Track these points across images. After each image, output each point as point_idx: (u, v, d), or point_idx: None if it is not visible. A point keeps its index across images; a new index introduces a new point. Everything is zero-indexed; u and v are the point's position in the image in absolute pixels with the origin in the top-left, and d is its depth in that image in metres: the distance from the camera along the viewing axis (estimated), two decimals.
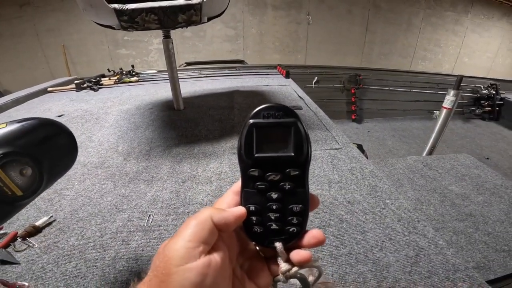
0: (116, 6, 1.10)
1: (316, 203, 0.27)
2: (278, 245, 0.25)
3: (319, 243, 0.26)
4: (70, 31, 4.93)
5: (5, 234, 0.79)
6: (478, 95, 3.86)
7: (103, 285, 0.65)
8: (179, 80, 1.67)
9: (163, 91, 2.19)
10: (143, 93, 2.20)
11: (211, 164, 1.17)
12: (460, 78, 1.99)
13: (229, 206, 0.26)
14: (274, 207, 0.26)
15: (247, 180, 0.26)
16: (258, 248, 0.28)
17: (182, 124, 1.54)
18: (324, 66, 3.97)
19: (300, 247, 0.26)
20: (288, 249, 0.26)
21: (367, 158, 1.25)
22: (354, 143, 1.54)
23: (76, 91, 2.38)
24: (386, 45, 5.92)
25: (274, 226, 0.26)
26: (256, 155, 0.25)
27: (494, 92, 3.79)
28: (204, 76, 2.82)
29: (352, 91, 3.83)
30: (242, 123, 0.37)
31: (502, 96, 3.82)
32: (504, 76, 5.06)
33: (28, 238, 0.78)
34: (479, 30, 6.10)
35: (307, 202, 0.26)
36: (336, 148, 1.27)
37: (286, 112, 0.25)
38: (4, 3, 4.60)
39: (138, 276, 0.23)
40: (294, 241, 0.26)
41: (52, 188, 1.01)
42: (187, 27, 1.35)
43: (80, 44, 5.06)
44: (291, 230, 0.26)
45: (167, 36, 1.50)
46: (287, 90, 2.19)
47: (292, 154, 0.25)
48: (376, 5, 5.57)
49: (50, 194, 0.99)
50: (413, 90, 3.75)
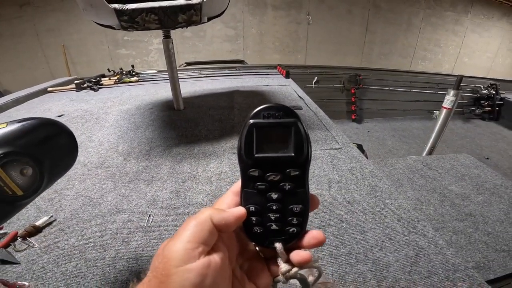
0: (116, 6, 1.10)
1: (316, 203, 0.27)
2: (278, 245, 0.25)
3: (319, 243, 0.26)
4: (70, 31, 4.93)
5: (5, 234, 0.79)
6: (478, 95, 3.86)
7: (103, 284, 0.65)
8: (179, 80, 1.67)
9: (163, 91, 2.19)
10: (143, 93, 2.20)
11: (211, 164, 1.17)
12: (460, 78, 2.00)
13: (229, 206, 0.26)
14: (274, 207, 0.25)
15: (247, 181, 0.26)
16: (258, 248, 0.28)
17: (182, 124, 1.55)
18: (324, 66, 3.97)
19: (300, 247, 0.26)
20: (288, 249, 0.25)
21: (367, 158, 1.26)
22: (354, 143, 1.54)
23: (76, 91, 2.38)
24: (386, 45, 5.92)
25: (274, 227, 0.26)
26: (256, 155, 0.25)
27: (494, 92, 3.79)
28: (204, 76, 2.82)
29: (352, 91, 3.83)
30: (242, 123, 0.37)
31: (502, 96, 3.82)
32: (504, 76, 5.06)
33: (28, 238, 0.78)
34: (479, 30, 6.10)
35: (307, 202, 0.26)
36: (336, 148, 1.27)
37: (286, 112, 0.24)
38: (4, 3, 4.60)
39: (138, 277, 0.23)
40: (294, 241, 0.26)
41: (52, 188, 1.01)
42: (187, 27, 1.35)
43: (80, 44, 5.06)
44: (291, 230, 0.26)
45: (167, 36, 1.50)
46: (287, 90, 2.19)
47: (292, 154, 0.24)
48: (376, 5, 5.57)
49: (50, 194, 0.99)
50: (413, 90, 3.75)
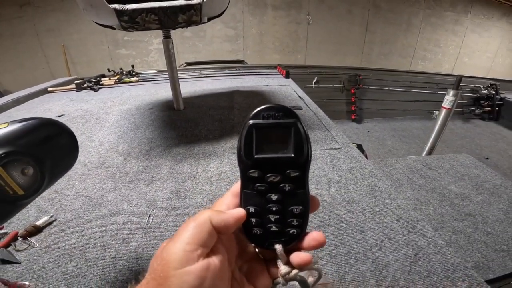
0: (117, 6, 1.10)
1: (316, 204, 0.27)
2: (278, 247, 0.25)
3: (320, 245, 0.25)
4: (70, 31, 4.93)
5: (5, 234, 0.79)
6: (478, 95, 3.86)
7: (103, 284, 0.65)
8: (179, 80, 1.67)
9: (163, 91, 2.19)
10: (143, 93, 2.20)
11: (211, 164, 1.17)
12: (460, 78, 2.00)
13: (228, 207, 0.26)
14: (274, 208, 0.25)
15: (246, 182, 0.25)
16: (257, 250, 0.28)
17: (182, 124, 1.55)
18: (324, 66, 3.97)
19: (300, 249, 0.25)
20: (288, 251, 0.25)
21: (366, 158, 1.26)
22: (354, 143, 1.55)
23: (76, 91, 2.38)
24: (386, 45, 5.92)
25: (274, 228, 0.25)
26: (256, 156, 0.24)
27: (493, 92, 3.79)
28: (204, 76, 2.82)
29: (352, 91, 3.83)
30: (242, 123, 0.37)
31: (502, 96, 3.82)
32: (503, 76, 5.06)
33: (29, 237, 0.79)
34: (479, 30, 6.10)
35: (307, 203, 0.25)
36: (335, 148, 1.27)
37: (286, 113, 0.24)
38: (4, 3, 4.60)
39: (136, 278, 0.23)
40: (294, 243, 0.26)
41: (53, 187, 1.01)
42: (187, 27, 1.35)
43: (80, 44, 5.06)
44: (291, 232, 0.25)
45: (167, 36, 1.50)
46: (287, 90, 2.19)
47: (292, 155, 0.24)
48: (376, 5, 5.57)
49: (50, 193, 0.99)
50: (412, 90, 3.76)
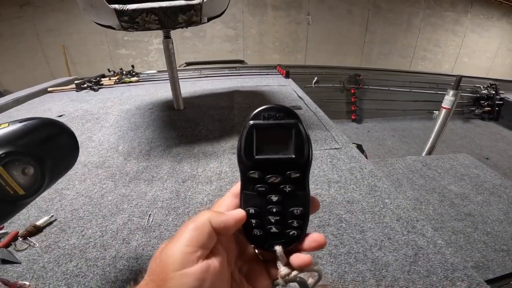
0: (117, 6, 1.10)
1: (316, 205, 0.26)
2: (278, 248, 0.25)
3: (320, 246, 0.25)
4: (70, 31, 4.93)
5: (6, 234, 0.79)
6: (478, 95, 3.86)
7: (103, 284, 0.65)
8: (179, 80, 1.67)
9: (163, 91, 2.19)
10: (143, 93, 2.20)
11: (211, 164, 1.17)
12: (459, 78, 2.00)
13: (228, 208, 0.26)
14: (274, 210, 0.25)
15: (246, 182, 0.25)
16: (257, 251, 0.27)
17: (182, 124, 1.55)
18: (324, 66, 3.97)
19: (300, 250, 0.25)
20: (288, 252, 0.25)
21: (366, 158, 1.26)
22: (354, 143, 1.55)
23: (76, 91, 2.38)
24: (386, 45, 5.92)
25: (274, 229, 0.25)
26: (256, 157, 0.24)
27: (493, 92, 3.79)
28: (204, 76, 2.82)
29: (352, 91, 3.83)
30: (242, 123, 0.37)
31: (502, 96, 3.82)
32: (503, 76, 5.06)
33: (29, 237, 0.79)
34: (479, 30, 6.10)
35: (308, 204, 0.25)
36: (335, 148, 1.27)
37: (287, 113, 0.24)
38: (4, 3, 4.60)
39: (135, 280, 0.23)
40: (294, 244, 0.25)
41: (53, 187, 1.01)
42: (187, 27, 1.35)
43: (80, 44, 5.06)
44: (291, 233, 0.25)
45: (167, 36, 1.50)
46: (287, 90, 2.19)
47: (293, 156, 0.24)
48: (376, 5, 5.57)
49: (51, 193, 0.99)
50: (412, 90, 3.76)
